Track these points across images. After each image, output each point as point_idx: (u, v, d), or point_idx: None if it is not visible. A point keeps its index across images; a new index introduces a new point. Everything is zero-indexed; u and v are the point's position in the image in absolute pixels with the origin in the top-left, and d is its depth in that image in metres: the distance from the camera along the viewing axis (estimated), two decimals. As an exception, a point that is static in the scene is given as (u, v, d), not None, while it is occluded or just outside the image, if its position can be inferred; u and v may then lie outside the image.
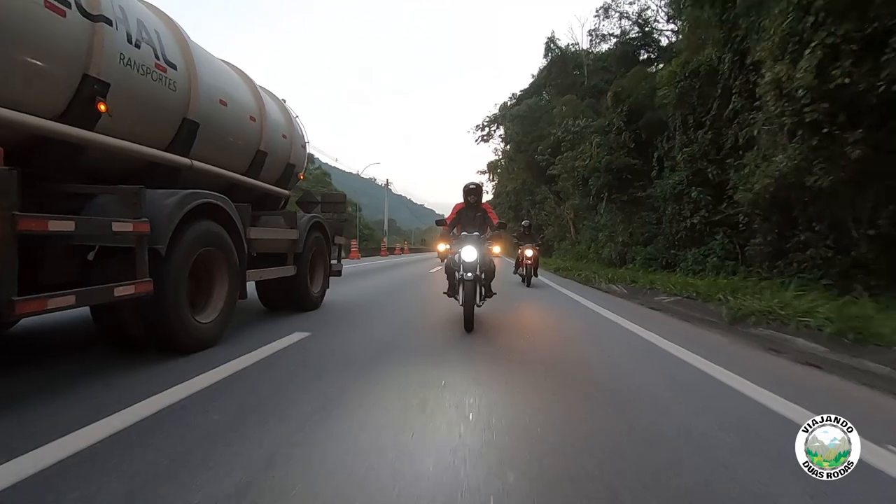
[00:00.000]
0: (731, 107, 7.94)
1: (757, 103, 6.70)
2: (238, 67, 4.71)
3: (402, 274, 11.94)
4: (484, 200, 5.18)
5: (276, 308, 4.98)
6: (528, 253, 8.78)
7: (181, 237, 2.83)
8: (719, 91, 8.42)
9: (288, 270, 4.51)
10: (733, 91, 7.88)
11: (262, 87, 4.90)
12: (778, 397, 2.37)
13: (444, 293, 4.62)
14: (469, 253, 4.11)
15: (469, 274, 4.05)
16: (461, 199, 4.83)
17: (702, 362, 3.12)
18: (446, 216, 4.94)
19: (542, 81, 27.46)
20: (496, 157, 34.78)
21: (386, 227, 41.07)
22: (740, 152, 7.63)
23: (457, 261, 4.21)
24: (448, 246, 4.96)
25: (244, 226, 3.57)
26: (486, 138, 33.44)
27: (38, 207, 2.24)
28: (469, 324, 3.99)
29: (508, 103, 31.00)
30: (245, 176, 4.44)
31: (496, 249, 5.02)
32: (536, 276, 9.49)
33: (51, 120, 2.46)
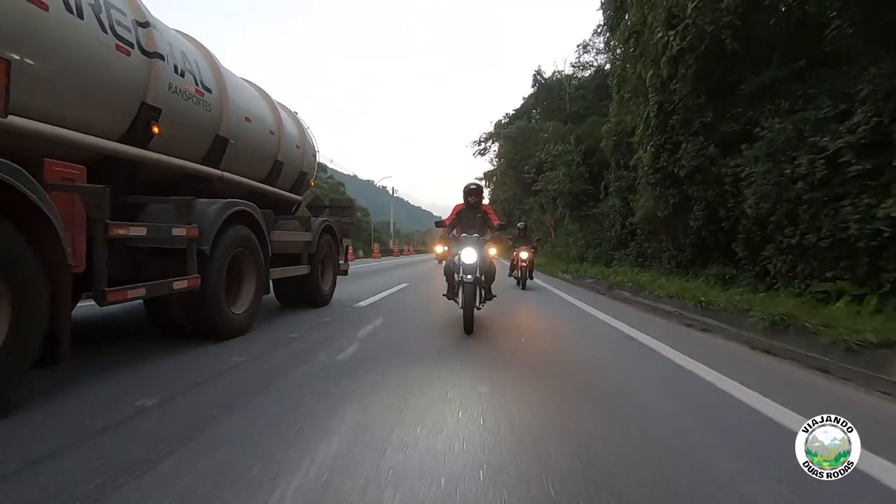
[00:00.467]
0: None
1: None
2: (258, 85, 5.18)
3: (424, 268, 15.66)
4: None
5: (290, 304, 5.44)
6: (524, 255, 8.60)
7: (220, 240, 3.30)
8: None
9: (303, 269, 4.97)
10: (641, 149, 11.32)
11: (278, 103, 5.37)
12: (610, 317, 5.20)
13: (444, 295, 4.54)
14: (469, 255, 4.04)
15: (469, 276, 3.97)
16: (461, 200, 4.77)
17: (586, 306, 6.32)
18: (445, 217, 4.91)
19: (531, 105, 31.60)
20: (492, 167, 37.37)
21: (392, 231, 46.16)
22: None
23: (456, 262, 4.14)
24: (445, 248, 5.21)
25: (268, 229, 4.04)
26: (482, 152, 37.48)
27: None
28: (469, 326, 3.92)
29: (503, 121, 34.74)
30: (264, 183, 4.90)
31: (492, 251, 5.02)
32: (532, 278, 9.13)
33: (115, 141, 2.93)
